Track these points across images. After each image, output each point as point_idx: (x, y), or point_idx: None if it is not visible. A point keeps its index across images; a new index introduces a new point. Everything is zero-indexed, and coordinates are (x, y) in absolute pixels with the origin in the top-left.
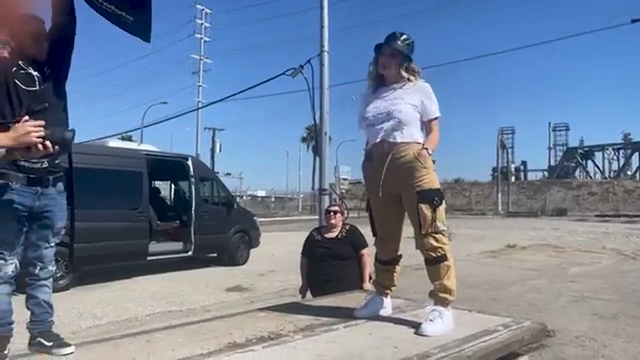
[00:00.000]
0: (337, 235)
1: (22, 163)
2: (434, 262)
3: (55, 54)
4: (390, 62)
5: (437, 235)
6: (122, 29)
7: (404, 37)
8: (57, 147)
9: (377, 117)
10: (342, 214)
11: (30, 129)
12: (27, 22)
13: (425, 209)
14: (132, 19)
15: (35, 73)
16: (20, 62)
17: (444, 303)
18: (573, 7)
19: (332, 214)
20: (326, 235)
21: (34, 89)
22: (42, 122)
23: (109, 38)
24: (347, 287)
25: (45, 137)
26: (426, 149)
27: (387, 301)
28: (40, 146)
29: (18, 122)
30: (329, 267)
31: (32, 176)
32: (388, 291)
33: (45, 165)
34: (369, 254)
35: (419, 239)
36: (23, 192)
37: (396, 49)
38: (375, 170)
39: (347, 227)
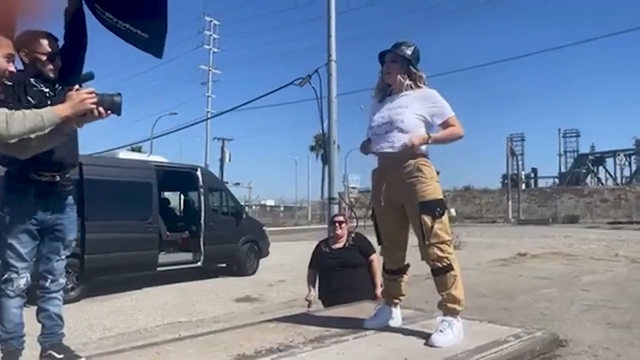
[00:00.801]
0: (345, 244)
1: (34, 177)
2: (440, 272)
3: (66, 70)
4: (391, 68)
5: (441, 246)
6: (134, 46)
7: (406, 44)
8: (109, 111)
9: (381, 127)
10: (347, 223)
11: (85, 96)
12: (40, 39)
13: (428, 219)
14: (147, 36)
15: (46, 90)
16: (32, 79)
17: (453, 313)
18: (582, 13)
19: (337, 224)
20: (334, 246)
21: (45, 105)
22: (93, 89)
23: (118, 50)
24: (360, 294)
25: (97, 103)
26: (428, 134)
27: (397, 311)
28: (95, 111)
29: (70, 90)
30: (340, 275)
31: (44, 190)
32: (397, 301)
33: (57, 178)
34: (378, 260)
35: (423, 250)
36: (35, 206)
37: (397, 54)
38: (378, 180)
39: (352, 235)
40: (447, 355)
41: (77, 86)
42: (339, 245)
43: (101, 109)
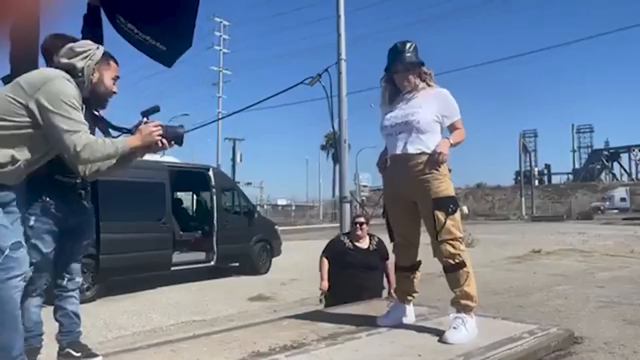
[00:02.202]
0: (369, 246)
1: (58, 179)
2: (453, 269)
3: None
4: (407, 77)
5: (454, 242)
6: (146, 54)
7: (408, 45)
8: (172, 142)
9: (395, 127)
10: (369, 224)
11: (152, 129)
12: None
13: (441, 216)
14: (165, 49)
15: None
16: None
17: (467, 310)
18: (596, 8)
19: (359, 225)
20: (357, 244)
21: None
22: (159, 122)
23: (129, 52)
24: (369, 296)
25: (162, 135)
26: (447, 138)
27: (410, 309)
28: (159, 143)
29: (138, 125)
30: (363, 276)
31: (66, 192)
32: (410, 297)
33: (79, 180)
34: (392, 263)
35: (436, 247)
36: (58, 208)
37: (408, 62)
38: (392, 178)
39: (376, 239)
40: (460, 352)
41: (145, 119)
42: (363, 245)
43: (165, 140)
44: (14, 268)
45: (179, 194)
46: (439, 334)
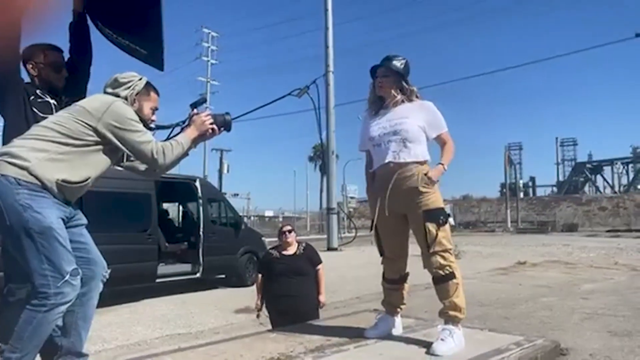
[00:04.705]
0: (295, 252)
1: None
2: (443, 280)
3: (71, 83)
4: (384, 82)
5: (444, 254)
6: (137, 59)
7: (397, 57)
8: (222, 128)
9: (383, 137)
10: (295, 232)
11: (204, 118)
12: (45, 50)
13: (432, 227)
14: (146, 52)
15: (52, 101)
16: (37, 91)
17: (455, 321)
18: (579, 22)
19: (286, 233)
20: (284, 253)
21: (50, 116)
22: (209, 112)
23: (117, 62)
24: (304, 303)
25: (212, 123)
26: (442, 164)
27: (398, 320)
28: (211, 130)
29: (191, 117)
30: (288, 282)
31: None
32: (398, 310)
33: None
34: (323, 269)
35: (426, 258)
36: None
37: (389, 68)
38: (381, 191)
39: (303, 245)
40: None
41: (194, 110)
42: (289, 252)
43: (215, 127)
44: (68, 294)
45: (165, 205)
46: (427, 345)
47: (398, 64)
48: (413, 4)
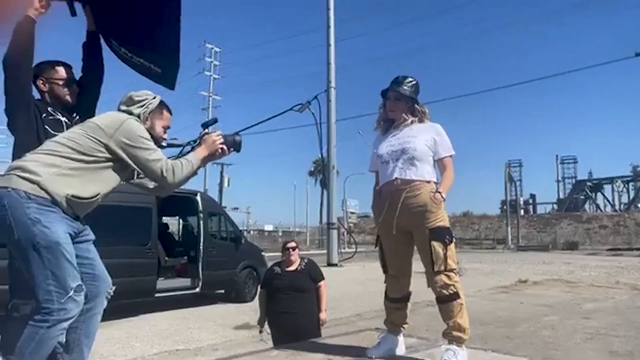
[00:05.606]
0: (297, 267)
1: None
2: (447, 300)
3: (81, 101)
4: (396, 106)
5: (449, 273)
6: (148, 78)
7: (408, 79)
8: (231, 148)
9: (392, 154)
10: (299, 248)
11: (215, 138)
12: (56, 66)
13: (438, 246)
14: (160, 71)
15: (63, 119)
16: (49, 109)
17: (459, 342)
18: (581, 41)
19: (290, 250)
20: (287, 269)
21: (60, 131)
22: (220, 132)
23: (119, 76)
24: (304, 320)
25: (223, 143)
26: (439, 192)
27: (400, 340)
28: (221, 150)
29: (202, 137)
30: (288, 298)
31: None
32: (401, 329)
33: None
34: (325, 286)
35: (430, 277)
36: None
37: (401, 93)
38: (387, 207)
39: (305, 261)
40: None
41: (206, 130)
42: (291, 268)
43: (225, 147)
44: (71, 311)
45: (165, 219)
46: None
47: (409, 87)
48: (413, 22)
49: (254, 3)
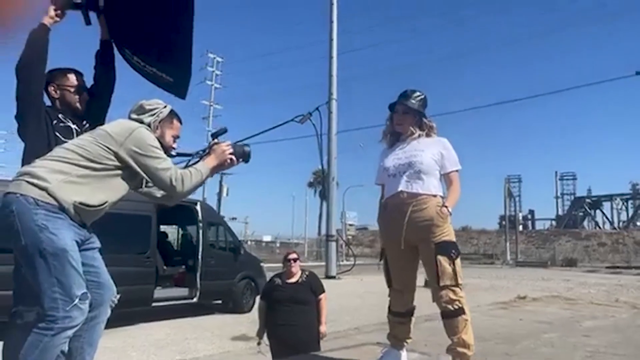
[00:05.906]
0: (298, 279)
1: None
2: (452, 315)
3: (92, 108)
4: (404, 119)
5: (454, 288)
6: (159, 87)
7: (416, 94)
8: (240, 159)
9: (398, 168)
10: (300, 260)
11: (224, 148)
12: (67, 73)
13: (444, 261)
14: (172, 80)
15: (73, 126)
16: (60, 115)
17: (463, 358)
18: (581, 58)
19: (292, 261)
20: (287, 281)
21: (70, 138)
22: (229, 142)
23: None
24: (305, 332)
25: (232, 153)
26: (446, 206)
27: (404, 354)
28: (230, 160)
29: (211, 146)
30: (288, 311)
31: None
32: (404, 344)
33: None
34: (326, 298)
35: (435, 292)
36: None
37: (408, 107)
38: (393, 221)
39: (306, 273)
40: None
41: (215, 140)
42: (292, 280)
43: (234, 157)
44: (76, 319)
45: (164, 227)
46: None
47: (417, 101)
48: (413, 36)
49: (260, 15)
